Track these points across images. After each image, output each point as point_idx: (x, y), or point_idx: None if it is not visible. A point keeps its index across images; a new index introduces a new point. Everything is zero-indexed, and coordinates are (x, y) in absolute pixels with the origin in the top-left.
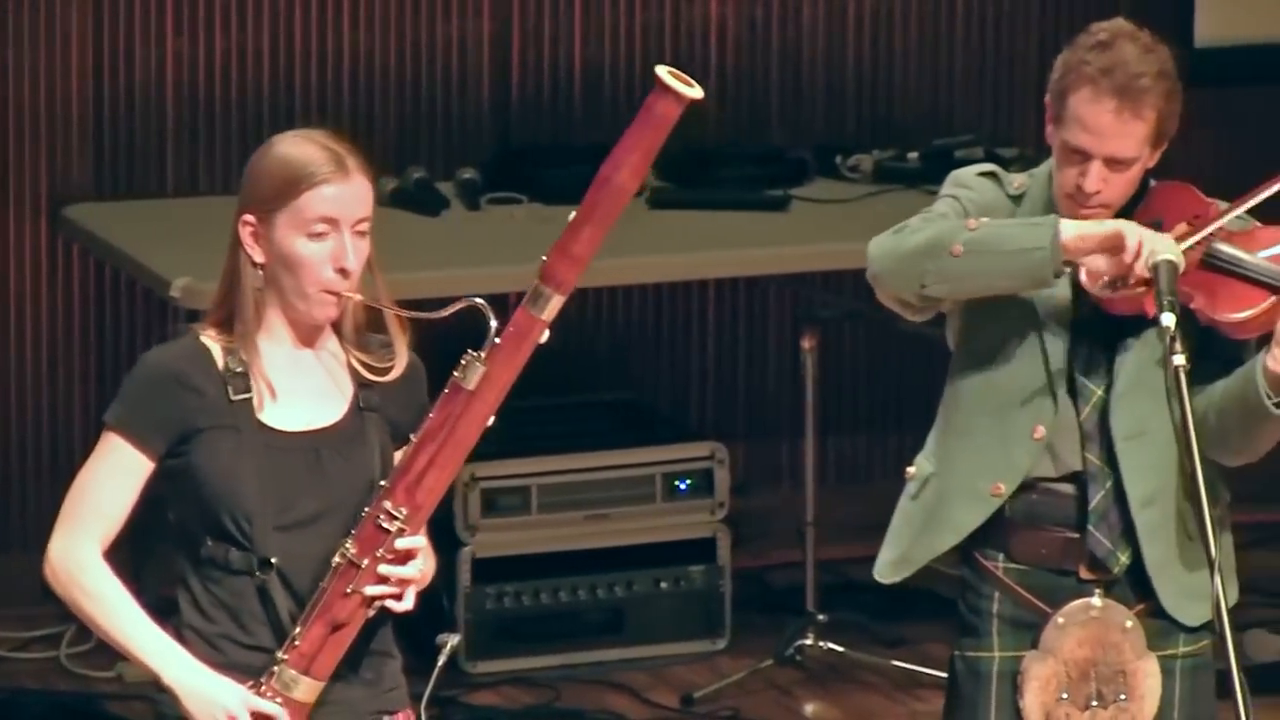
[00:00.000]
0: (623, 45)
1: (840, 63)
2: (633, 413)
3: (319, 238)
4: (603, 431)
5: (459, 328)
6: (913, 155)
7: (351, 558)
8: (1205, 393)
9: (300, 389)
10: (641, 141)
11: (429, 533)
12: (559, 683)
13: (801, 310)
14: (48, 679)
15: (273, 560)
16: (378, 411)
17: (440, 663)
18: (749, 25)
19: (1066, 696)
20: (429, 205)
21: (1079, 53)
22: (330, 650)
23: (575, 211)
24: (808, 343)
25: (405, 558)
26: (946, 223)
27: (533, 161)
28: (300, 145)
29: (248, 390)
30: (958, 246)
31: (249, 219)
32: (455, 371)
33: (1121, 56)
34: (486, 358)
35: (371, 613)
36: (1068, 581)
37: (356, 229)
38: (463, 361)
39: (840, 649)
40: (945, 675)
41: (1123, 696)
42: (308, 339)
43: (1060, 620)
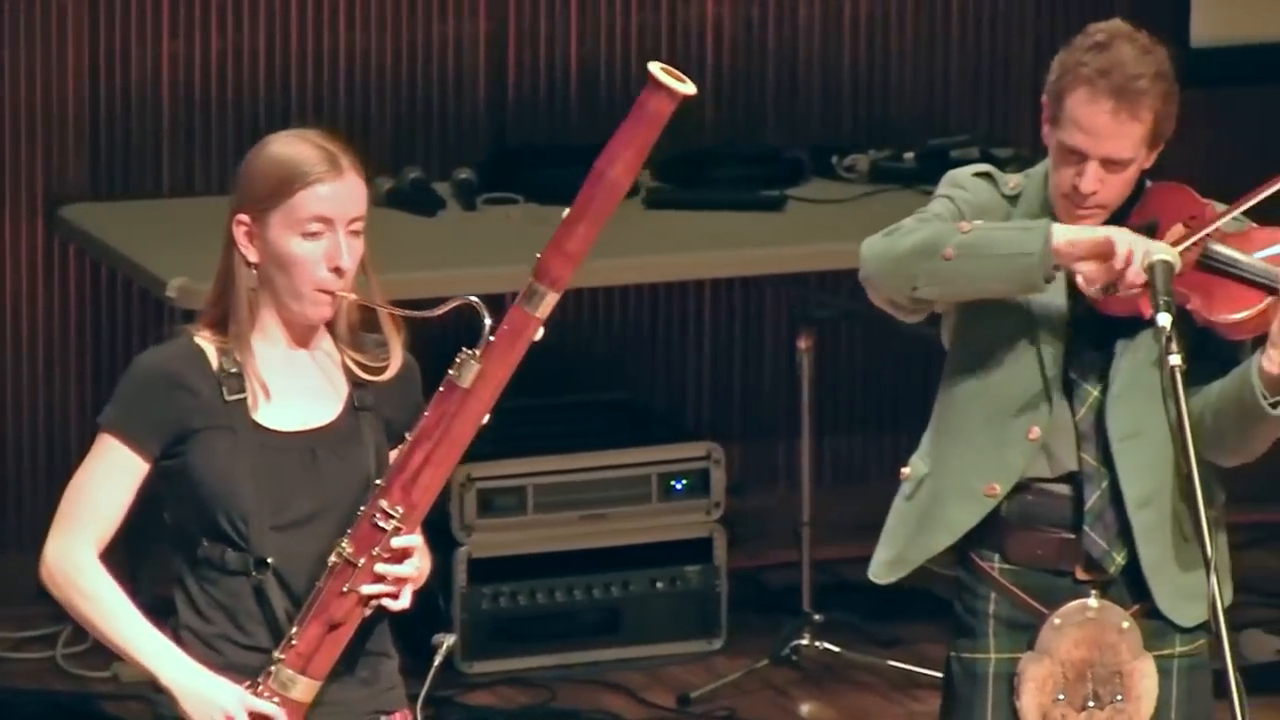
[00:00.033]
0: (619, 45)
1: (836, 63)
2: (628, 413)
3: (313, 237)
4: (599, 431)
5: (454, 327)
6: (909, 155)
7: (348, 557)
8: (1201, 393)
9: (295, 389)
10: (635, 138)
11: (424, 532)
12: (555, 683)
13: (797, 310)
14: (43, 679)
15: (269, 560)
16: (373, 411)
17: (436, 663)
18: (745, 25)
19: (1063, 697)
20: (425, 205)
21: (1076, 53)
22: (327, 650)
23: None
24: (804, 343)
25: (401, 556)
26: (939, 225)
27: (529, 162)
28: (294, 144)
29: (242, 390)
30: (949, 249)
31: (243, 219)
32: (450, 370)
33: (1119, 57)
34: (481, 355)
35: (368, 612)
36: (1064, 582)
37: (351, 228)
38: (458, 359)
39: (836, 649)
40: (941, 675)
41: (1119, 697)
42: (302, 339)
43: (1056, 621)
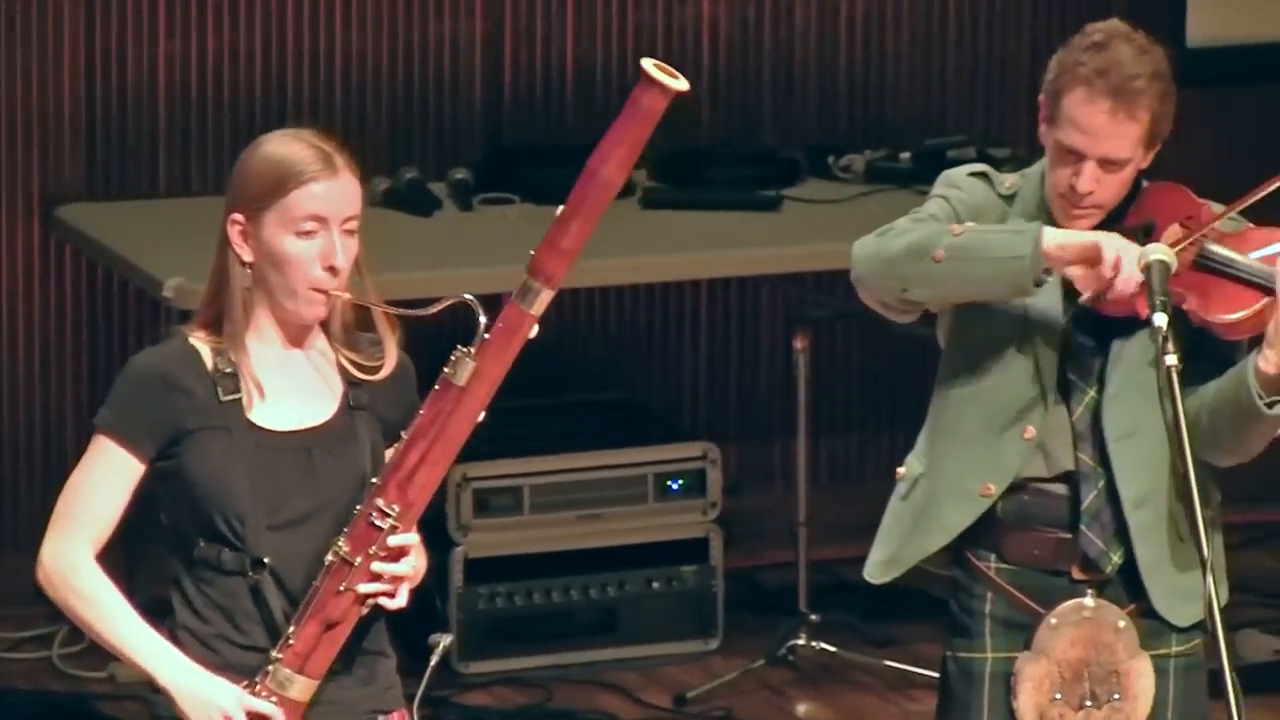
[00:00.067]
0: (615, 45)
1: (832, 63)
2: (625, 413)
3: (307, 236)
4: (595, 431)
5: (449, 326)
6: (905, 155)
7: (344, 556)
8: (1197, 393)
9: (290, 388)
10: (628, 134)
11: (421, 531)
12: (551, 683)
13: (794, 310)
14: (39, 679)
15: (265, 560)
16: (368, 410)
17: (433, 663)
18: (741, 25)
19: (1060, 697)
20: (421, 205)
21: (1074, 53)
22: (325, 649)
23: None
24: (800, 343)
25: (398, 555)
26: (930, 227)
27: (525, 162)
28: (288, 144)
29: (237, 390)
30: (940, 252)
31: (237, 218)
32: (445, 368)
33: (1117, 57)
34: (476, 353)
35: (365, 610)
36: (1060, 582)
37: (345, 227)
38: (453, 357)
39: (832, 649)
40: (937, 675)
41: (1116, 696)
42: (297, 339)
43: (1053, 621)
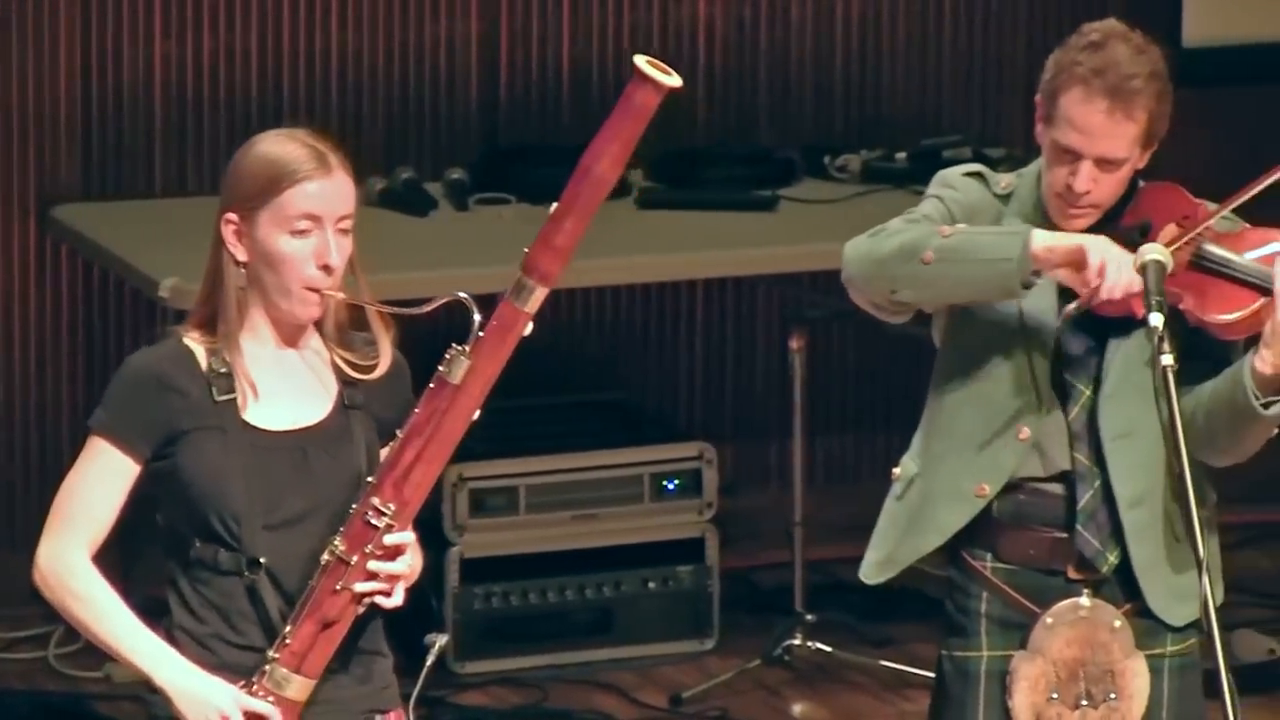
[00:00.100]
0: (611, 45)
1: (829, 63)
2: (621, 413)
3: (302, 235)
4: (591, 431)
5: (444, 325)
6: (901, 155)
7: (340, 555)
8: (1193, 393)
9: (284, 388)
10: (621, 131)
11: (416, 530)
12: (547, 683)
13: (790, 310)
14: (35, 679)
15: (261, 560)
16: (363, 409)
17: (429, 663)
18: (737, 25)
19: (1057, 696)
20: (417, 205)
21: (1071, 53)
22: (321, 648)
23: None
24: (796, 343)
25: (394, 553)
26: (920, 228)
27: (521, 161)
28: (282, 143)
29: (232, 391)
30: (929, 253)
31: (231, 218)
32: (440, 366)
33: (1114, 57)
34: (471, 351)
35: (361, 609)
36: (1056, 581)
37: (339, 226)
38: (447, 356)
39: (828, 649)
40: (933, 675)
41: (1112, 696)
42: (291, 338)
43: (1049, 620)
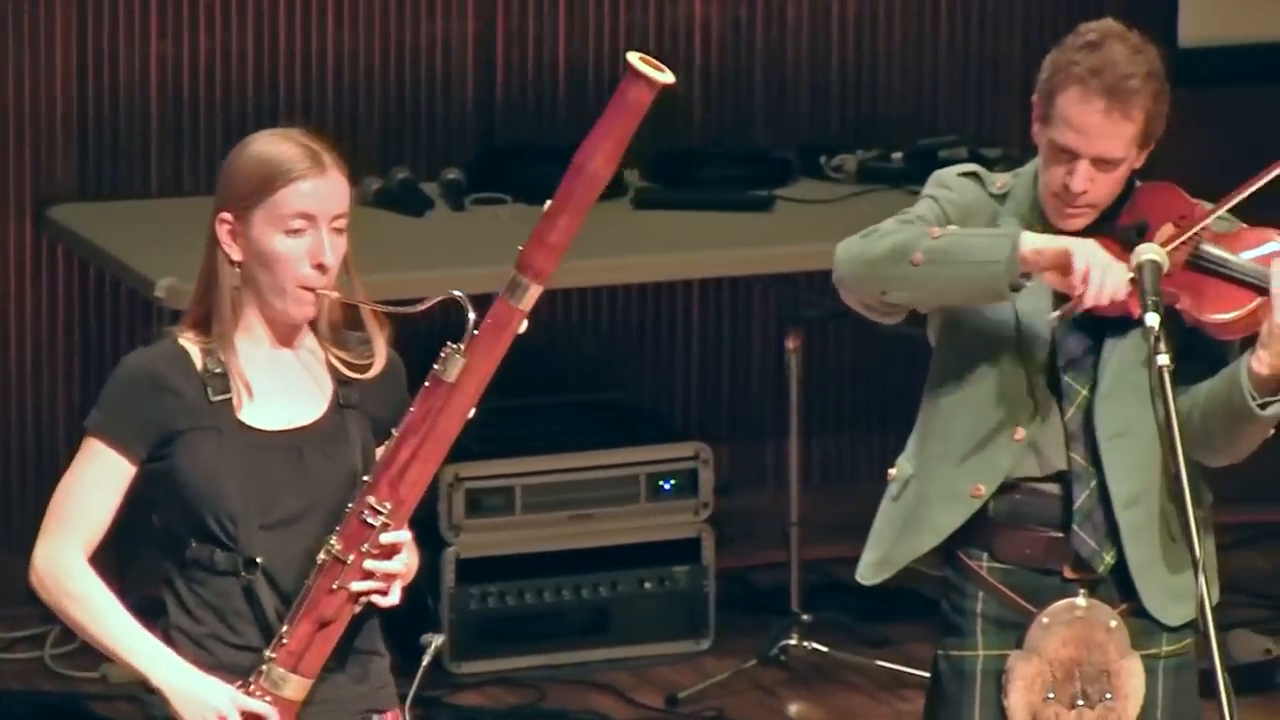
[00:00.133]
0: (607, 45)
1: (825, 63)
2: (617, 413)
3: (296, 234)
4: (587, 431)
5: (439, 323)
6: (897, 155)
7: (336, 554)
8: (1189, 393)
9: (280, 388)
10: (615, 128)
11: (412, 530)
12: (543, 683)
13: (786, 310)
14: (31, 680)
15: (258, 560)
16: (358, 408)
17: (425, 663)
18: (733, 25)
19: (1053, 696)
20: (413, 205)
21: (1068, 53)
22: (318, 647)
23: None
24: (792, 343)
25: (390, 552)
26: (911, 230)
27: (517, 161)
28: (276, 143)
29: (227, 391)
30: (918, 255)
31: (226, 217)
32: (435, 364)
33: (1111, 57)
34: (466, 349)
35: (358, 609)
36: (1052, 581)
37: (333, 225)
38: (442, 354)
39: (824, 649)
40: (929, 675)
41: (1108, 695)
42: (286, 338)
43: (1045, 620)
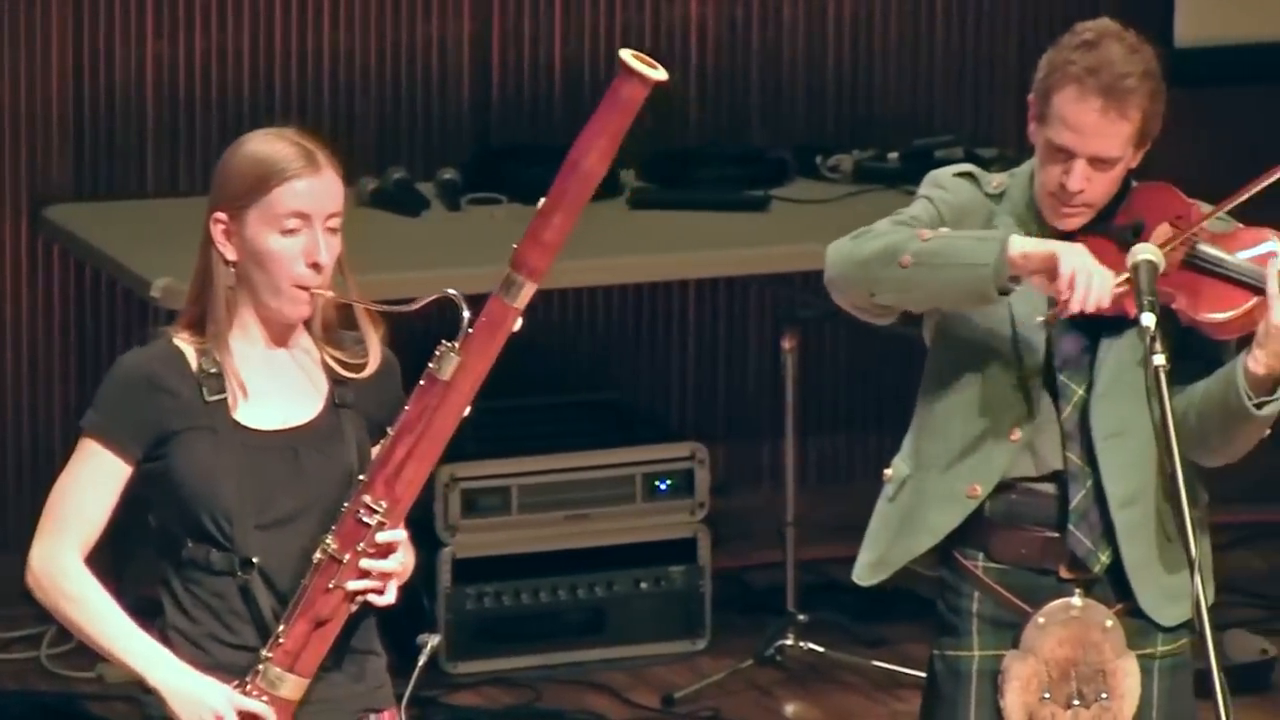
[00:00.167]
0: (603, 45)
1: (820, 63)
2: (613, 413)
3: (291, 233)
4: (583, 432)
5: (435, 323)
6: (893, 155)
7: (333, 553)
8: (1185, 393)
9: (275, 388)
10: (608, 126)
11: (408, 529)
12: (539, 683)
13: (782, 310)
14: (28, 680)
15: (254, 559)
16: (353, 407)
17: (421, 663)
18: (729, 25)
19: (1049, 696)
20: (409, 205)
21: (1064, 52)
22: (315, 646)
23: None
24: (788, 343)
25: (386, 551)
26: (902, 232)
27: (513, 161)
28: (270, 142)
29: (222, 391)
30: (907, 257)
31: (220, 217)
32: (430, 363)
33: (1108, 56)
34: (461, 348)
35: (354, 608)
36: (1048, 581)
37: (328, 225)
38: (437, 352)
39: (820, 649)
40: (925, 675)
41: (1104, 695)
42: (280, 338)
43: (1041, 620)
